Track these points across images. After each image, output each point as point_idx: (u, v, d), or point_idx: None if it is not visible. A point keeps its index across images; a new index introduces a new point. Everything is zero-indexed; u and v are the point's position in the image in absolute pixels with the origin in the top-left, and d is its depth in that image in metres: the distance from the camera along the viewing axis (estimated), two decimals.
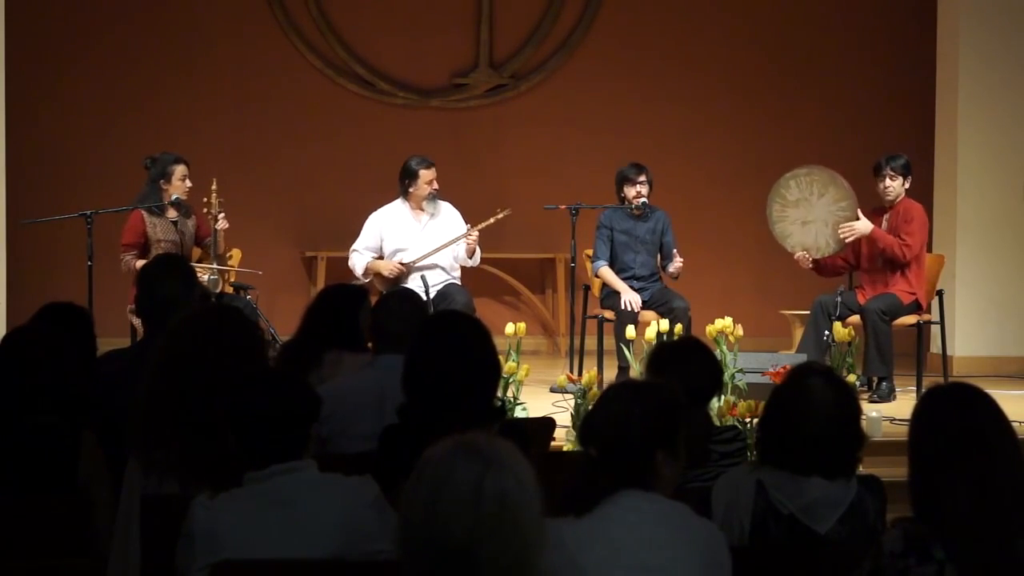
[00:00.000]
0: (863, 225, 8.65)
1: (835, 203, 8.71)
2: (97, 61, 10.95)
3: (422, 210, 9.10)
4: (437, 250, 9.01)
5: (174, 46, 11.03)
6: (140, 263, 8.44)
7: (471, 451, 2.47)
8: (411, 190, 9.10)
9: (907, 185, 8.80)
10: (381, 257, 9.13)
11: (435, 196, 9.10)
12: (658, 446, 3.14)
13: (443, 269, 9.07)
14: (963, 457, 2.96)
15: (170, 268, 5.17)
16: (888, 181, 8.74)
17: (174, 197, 8.71)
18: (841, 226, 8.66)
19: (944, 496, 2.94)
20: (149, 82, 10.97)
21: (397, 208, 9.18)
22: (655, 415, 3.17)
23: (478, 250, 9.13)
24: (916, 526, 2.97)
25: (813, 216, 8.77)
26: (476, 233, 9.02)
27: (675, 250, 9.04)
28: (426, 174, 9.06)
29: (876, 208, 8.86)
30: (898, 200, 8.78)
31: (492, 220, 9.14)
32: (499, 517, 2.43)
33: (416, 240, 9.07)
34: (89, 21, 10.94)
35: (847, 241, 8.69)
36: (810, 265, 8.83)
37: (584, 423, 3.26)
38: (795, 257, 8.83)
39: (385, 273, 9.02)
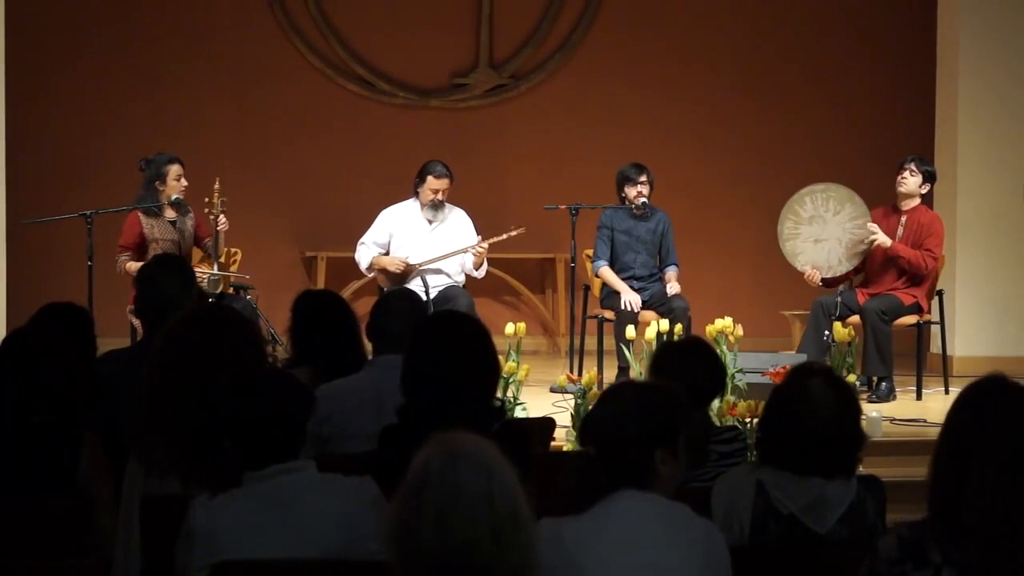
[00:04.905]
0: (884, 237, 8.63)
1: (851, 220, 8.70)
2: (97, 60, 10.95)
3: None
4: (443, 257, 9.02)
5: (174, 46, 11.03)
6: (132, 264, 8.47)
7: (465, 457, 2.46)
8: (418, 190, 9.13)
9: (924, 190, 8.78)
10: (387, 254, 9.14)
11: (438, 205, 9.08)
12: (656, 445, 3.14)
13: (447, 275, 9.08)
14: (996, 450, 2.90)
15: (168, 268, 5.18)
16: (907, 175, 8.72)
17: (173, 197, 8.71)
18: (868, 226, 8.63)
19: (972, 489, 2.88)
20: (149, 82, 10.97)
21: (409, 208, 9.20)
22: (654, 414, 3.17)
23: (485, 263, 9.14)
24: (910, 531, 2.95)
25: (827, 234, 8.75)
26: (486, 246, 9.02)
27: (671, 268, 9.04)
28: (433, 181, 9.06)
29: (890, 207, 8.84)
30: (912, 204, 8.76)
31: (504, 236, 9.14)
32: (513, 519, 2.43)
33: (423, 243, 9.07)
34: (89, 21, 10.94)
35: (872, 243, 8.63)
36: (819, 283, 8.81)
37: (583, 422, 3.26)
38: (805, 276, 8.81)
39: (391, 269, 9.03)
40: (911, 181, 8.74)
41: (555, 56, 11.54)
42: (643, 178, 9.11)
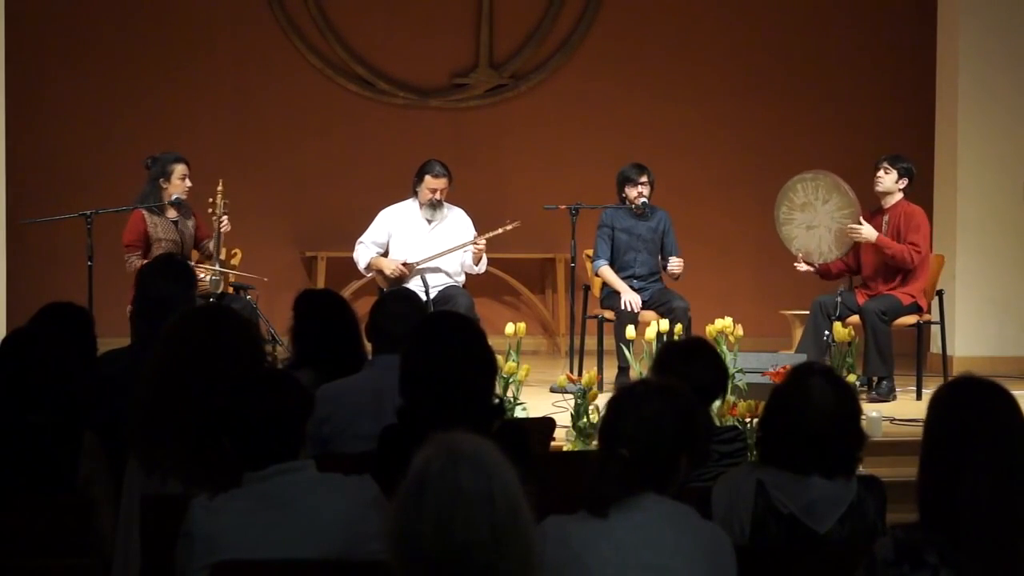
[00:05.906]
0: (868, 230, 8.67)
1: (838, 210, 8.77)
2: (97, 61, 10.95)
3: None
4: (442, 254, 9.01)
5: (174, 46, 11.03)
6: (144, 263, 8.46)
7: (465, 457, 2.45)
8: (417, 190, 9.12)
9: (901, 185, 8.81)
10: (386, 254, 9.14)
11: (437, 205, 9.07)
12: (683, 449, 3.15)
13: (447, 273, 9.06)
14: (986, 452, 2.90)
15: (167, 268, 5.19)
16: (881, 173, 8.79)
17: (174, 197, 8.70)
18: (849, 226, 8.69)
19: (960, 491, 2.88)
20: (149, 82, 10.97)
21: (408, 207, 9.18)
22: (685, 418, 3.17)
23: (484, 258, 9.13)
24: (907, 533, 2.95)
25: (818, 221, 8.84)
26: (483, 242, 9.01)
27: (676, 251, 9.05)
28: (431, 181, 9.04)
29: (875, 210, 8.89)
30: (894, 200, 8.80)
31: (500, 230, 9.13)
32: (513, 519, 2.43)
33: (422, 243, 9.06)
34: (89, 21, 10.94)
35: (853, 239, 8.72)
36: (810, 269, 8.87)
37: (613, 424, 3.21)
38: (796, 261, 8.87)
39: (387, 272, 9.02)
40: (886, 179, 8.80)
41: (555, 56, 11.54)
42: (644, 179, 9.11)
